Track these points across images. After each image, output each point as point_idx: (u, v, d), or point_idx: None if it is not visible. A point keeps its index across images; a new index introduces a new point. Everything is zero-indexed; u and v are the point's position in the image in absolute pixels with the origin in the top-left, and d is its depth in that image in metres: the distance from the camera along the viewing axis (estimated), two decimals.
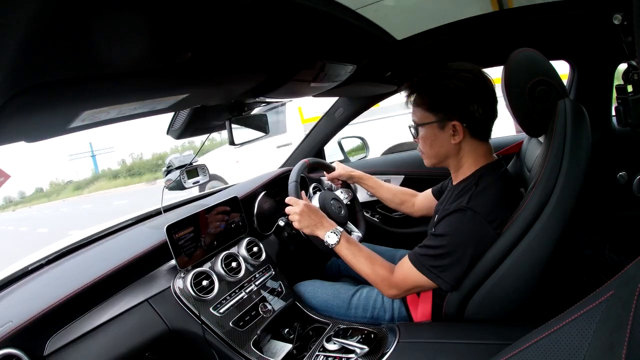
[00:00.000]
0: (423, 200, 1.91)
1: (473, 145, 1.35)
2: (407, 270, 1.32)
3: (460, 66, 1.31)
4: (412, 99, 1.41)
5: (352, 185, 2.07)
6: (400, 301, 1.53)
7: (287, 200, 1.58)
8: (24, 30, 0.50)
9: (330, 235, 1.45)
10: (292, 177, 1.69)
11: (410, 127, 1.45)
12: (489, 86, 1.31)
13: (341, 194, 1.99)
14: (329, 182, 2.11)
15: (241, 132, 1.66)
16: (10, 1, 0.44)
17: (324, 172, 2.06)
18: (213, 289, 1.51)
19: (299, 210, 1.50)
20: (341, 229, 1.47)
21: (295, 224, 1.51)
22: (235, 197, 1.79)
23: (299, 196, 1.60)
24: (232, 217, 1.76)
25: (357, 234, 1.87)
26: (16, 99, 0.63)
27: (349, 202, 1.98)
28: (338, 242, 1.44)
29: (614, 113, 1.96)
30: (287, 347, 1.53)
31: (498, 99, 1.34)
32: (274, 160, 3.21)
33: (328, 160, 2.72)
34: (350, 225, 1.89)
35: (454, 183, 1.43)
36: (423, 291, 1.40)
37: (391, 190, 2.00)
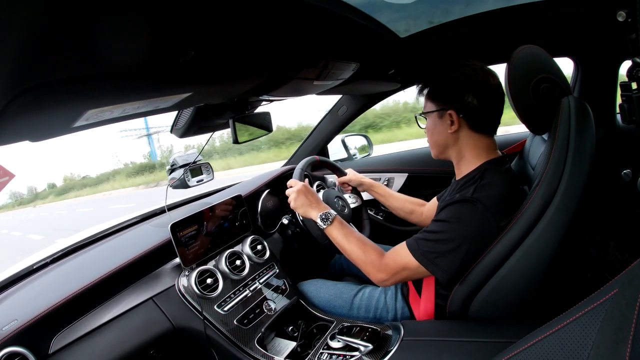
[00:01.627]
0: (431, 209, 1.89)
1: (472, 137, 1.35)
2: (399, 253, 1.32)
3: (465, 61, 1.34)
4: (424, 91, 1.44)
5: (360, 192, 2.08)
6: (402, 301, 1.53)
7: (289, 182, 1.60)
8: (27, 30, 0.50)
9: (322, 217, 1.45)
10: (300, 165, 1.72)
11: (416, 116, 1.50)
12: (490, 81, 1.31)
13: (349, 199, 1.99)
14: (332, 180, 2.11)
15: (245, 131, 1.66)
16: (14, 0, 0.44)
17: (334, 174, 2.07)
18: (217, 287, 1.52)
19: (297, 189, 1.52)
20: (335, 213, 1.47)
21: (291, 204, 1.53)
22: (239, 196, 1.79)
23: (301, 180, 1.61)
24: (236, 215, 1.77)
25: None
26: (20, 98, 0.63)
27: (356, 208, 1.99)
28: (330, 223, 1.44)
29: (618, 110, 1.96)
30: (291, 344, 1.53)
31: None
32: None
33: (331, 158, 2.72)
34: (354, 228, 1.89)
35: (457, 178, 1.43)
36: (413, 278, 1.38)
37: (400, 200, 1.99)
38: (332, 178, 2.12)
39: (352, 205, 1.94)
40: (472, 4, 1.55)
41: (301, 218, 1.54)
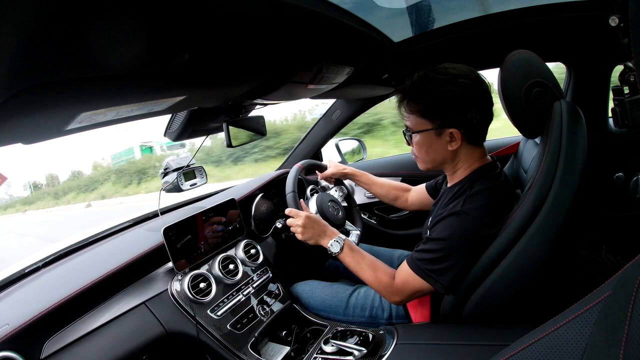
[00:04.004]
0: (417, 195, 1.91)
1: (469, 150, 1.35)
2: (406, 276, 1.32)
3: (456, 71, 1.28)
4: (404, 104, 1.38)
5: (346, 183, 2.08)
6: None
7: (287, 212, 1.57)
8: (21, 32, 0.50)
9: (333, 244, 1.45)
10: (289, 187, 1.68)
11: (404, 132, 1.43)
12: (486, 90, 1.29)
13: (335, 192, 1.99)
14: (325, 183, 2.11)
15: (238, 134, 1.66)
16: (8, 2, 0.44)
17: (317, 172, 2.06)
18: (210, 291, 1.51)
19: (302, 223, 1.50)
20: (343, 237, 1.47)
21: (299, 236, 1.51)
22: (232, 199, 1.79)
23: (298, 206, 1.60)
24: (230, 219, 1.76)
25: (355, 232, 1.88)
26: (13, 101, 0.63)
27: (343, 200, 1.98)
28: (341, 250, 1.44)
29: (610, 114, 1.98)
30: (285, 349, 1.53)
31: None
32: None
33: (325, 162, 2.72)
34: (349, 225, 1.89)
35: (449, 185, 1.43)
36: (426, 295, 1.40)
37: (384, 186, 2.00)
38: (319, 177, 2.11)
39: (340, 199, 1.93)
40: (465, 9, 1.56)
41: (309, 244, 1.52)
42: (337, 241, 1.45)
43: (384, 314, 1.54)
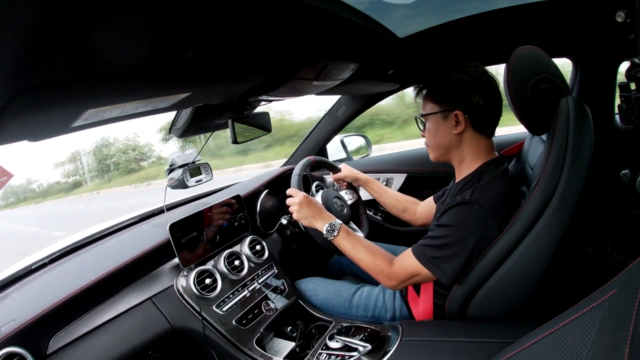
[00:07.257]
0: (425, 208, 1.89)
1: (475, 138, 1.37)
2: (407, 261, 1.33)
3: (466, 63, 1.35)
4: (422, 93, 1.44)
5: (356, 187, 2.08)
6: (401, 300, 1.53)
7: (288, 191, 1.59)
8: (26, 29, 0.50)
9: (328, 227, 1.45)
10: (296, 170, 1.70)
11: (417, 118, 1.49)
12: (492, 83, 1.33)
13: (346, 195, 1.98)
14: (331, 180, 2.11)
15: (244, 131, 1.66)
16: (13, 0, 0.44)
17: (330, 172, 2.06)
18: (216, 287, 1.51)
19: (299, 201, 1.51)
20: (340, 222, 1.47)
21: (294, 215, 1.52)
22: (238, 196, 1.79)
23: (300, 188, 1.61)
24: (235, 216, 1.77)
25: (359, 234, 1.87)
26: (19, 98, 0.63)
27: (353, 204, 1.98)
28: (337, 233, 1.44)
29: (617, 111, 1.96)
30: (290, 345, 1.53)
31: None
32: None
33: (330, 158, 2.71)
34: (353, 226, 1.89)
35: (457, 180, 1.44)
36: (422, 282, 1.41)
37: (395, 197, 1.99)
38: (331, 178, 2.11)
39: (349, 202, 1.93)
40: (471, 5, 1.56)
41: (304, 225, 1.53)
42: (333, 224, 1.45)
43: (387, 315, 1.54)
